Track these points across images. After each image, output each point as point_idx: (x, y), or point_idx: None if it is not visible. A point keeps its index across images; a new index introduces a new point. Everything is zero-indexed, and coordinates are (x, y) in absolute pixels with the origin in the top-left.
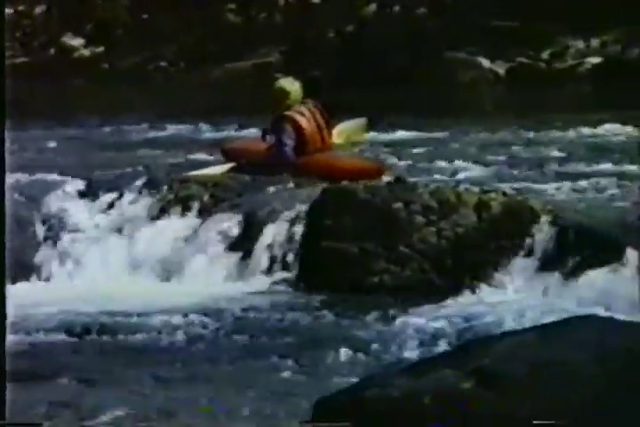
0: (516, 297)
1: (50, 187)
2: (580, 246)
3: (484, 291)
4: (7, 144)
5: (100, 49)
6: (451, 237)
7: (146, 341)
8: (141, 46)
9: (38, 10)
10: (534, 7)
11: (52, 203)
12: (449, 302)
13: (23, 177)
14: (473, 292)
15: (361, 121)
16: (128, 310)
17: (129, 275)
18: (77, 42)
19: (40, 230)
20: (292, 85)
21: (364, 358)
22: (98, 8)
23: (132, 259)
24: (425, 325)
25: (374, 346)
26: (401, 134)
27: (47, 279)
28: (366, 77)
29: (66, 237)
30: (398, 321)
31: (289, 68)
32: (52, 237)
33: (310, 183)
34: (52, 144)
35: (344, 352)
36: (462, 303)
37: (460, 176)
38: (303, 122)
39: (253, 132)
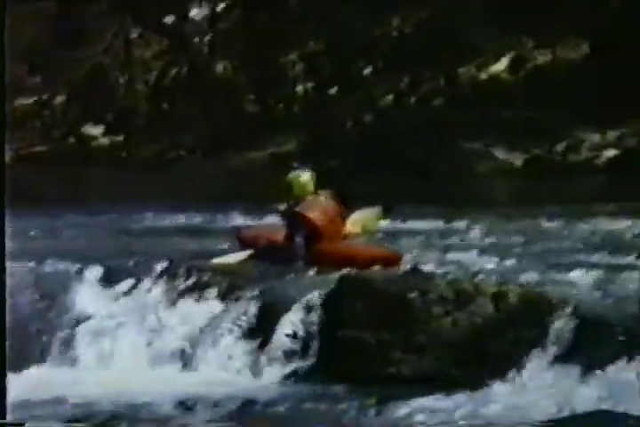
0: (529, 390)
1: (66, 274)
2: (601, 340)
3: (499, 382)
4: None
5: (120, 138)
6: (468, 327)
7: None
8: (160, 135)
9: (59, 99)
10: (551, 99)
11: (69, 290)
12: (462, 393)
13: (35, 264)
14: (487, 385)
15: (375, 210)
16: (140, 400)
17: (144, 363)
18: (97, 131)
19: (54, 316)
20: (304, 178)
21: None
22: (118, 98)
23: (149, 347)
24: (438, 414)
25: None
26: (416, 224)
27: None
28: (383, 167)
29: (80, 325)
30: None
31: (307, 157)
32: (67, 324)
33: (328, 271)
34: (69, 232)
35: None
36: (475, 395)
37: (476, 267)
38: (316, 218)
39: (270, 220)
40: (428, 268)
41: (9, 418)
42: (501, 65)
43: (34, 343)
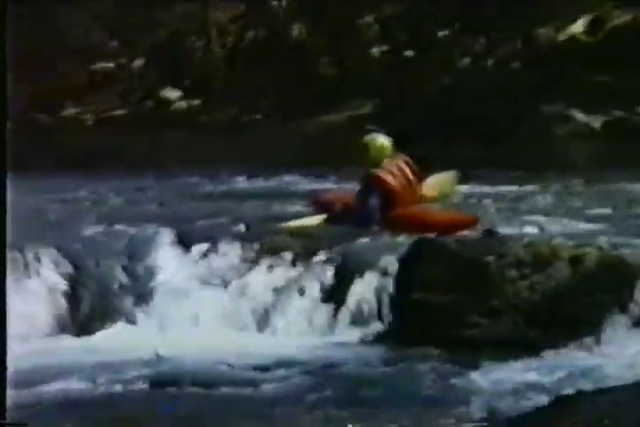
0: (607, 355)
1: (143, 237)
2: None
3: (578, 346)
4: (110, 194)
5: (198, 102)
6: (544, 290)
7: (234, 393)
8: (237, 99)
9: (137, 63)
10: (631, 60)
11: (147, 252)
12: (542, 356)
13: (119, 226)
14: (566, 346)
15: (451, 174)
16: (219, 362)
17: (221, 326)
18: (175, 95)
19: (131, 279)
20: (380, 141)
21: (461, 411)
22: (196, 62)
23: (225, 309)
24: (519, 378)
25: (472, 399)
26: (493, 188)
27: (137, 327)
28: (460, 131)
29: (159, 287)
30: (493, 375)
31: (383, 120)
32: (145, 287)
33: (402, 235)
34: (150, 194)
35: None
36: (556, 358)
37: (554, 230)
38: (390, 180)
39: (346, 184)
40: (504, 231)
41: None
42: (579, 26)
43: (114, 305)
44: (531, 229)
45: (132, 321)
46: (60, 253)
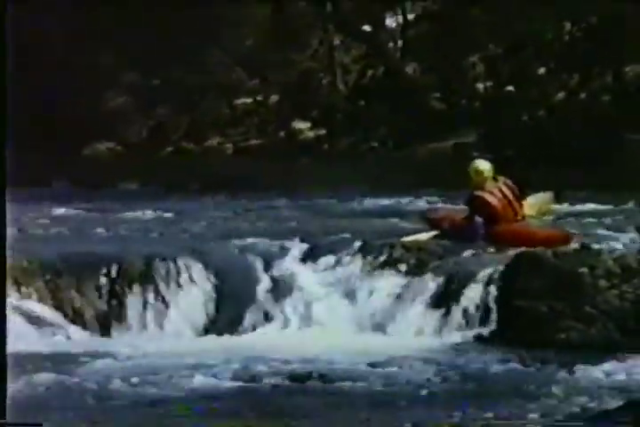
0: None
1: (277, 250)
2: None
3: None
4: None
5: (323, 131)
6: (633, 299)
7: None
8: (357, 129)
9: (273, 99)
10: None
11: (280, 264)
12: (630, 359)
13: (256, 240)
14: None
15: (548, 194)
16: (342, 360)
17: (347, 328)
18: (304, 125)
19: (267, 287)
20: (482, 166)
21: (551, 406)
22: (322, 97)
23: (349, 314)
24: (605, 379)
25: (561, 396)
26: (585, 207)
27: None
28: (555, 157)
29: (294, 294)
30: (583, 375)
31: (486, 148)
32: (279, 293)
33: (505, 249)
34: (286, 213)
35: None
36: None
37: None
38: (493, 200)
39: (453, 204)
40: (596, 246)
41: None
42: None
43: (245, 310)
44: (621, 244)
45: (269, 323)
46: (204, 264)
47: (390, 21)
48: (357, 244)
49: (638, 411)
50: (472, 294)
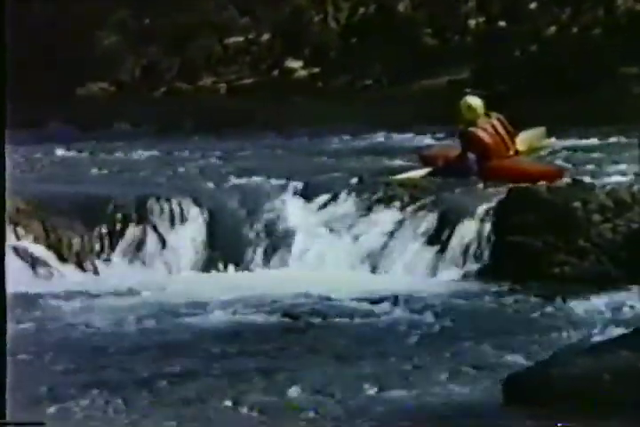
0: None
1: (272, 189)
2: None
3: None
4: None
5: (316, 70)
6: (625, 232)
7: (352, 324)
8: (350, 67)
9: (265, 37)
10: None
11: (274, 202)
12: (625, 290)
13: (251, 179)
14: None
15: (540, 130)
16: (338, 297)
17: (341, 265)
18: (297, 64)
19: (261, 226)
20: (474, 102)
21: (552, 339)
22: (314, 35)
23: (343, 251)
24: (604, 310)
25: (562, 329)
26: (576, 142)
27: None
28: (547, 90)
29: (285, 232)
30: (580, 307)
31: (479, 83)
32: (273, 232)
33: (496, 185)
34: (279, 151)
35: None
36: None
37: (633, 178)
38: (485, 136)
39: (446, 141)
40: (588, 180)
41: None
42: None
43: (246, 247)
44: (613, 178)
45: (264, 261)
46: (197, 202)
47: None
48: (352, 181)
49: (638, 339)
50: (466, 231)
